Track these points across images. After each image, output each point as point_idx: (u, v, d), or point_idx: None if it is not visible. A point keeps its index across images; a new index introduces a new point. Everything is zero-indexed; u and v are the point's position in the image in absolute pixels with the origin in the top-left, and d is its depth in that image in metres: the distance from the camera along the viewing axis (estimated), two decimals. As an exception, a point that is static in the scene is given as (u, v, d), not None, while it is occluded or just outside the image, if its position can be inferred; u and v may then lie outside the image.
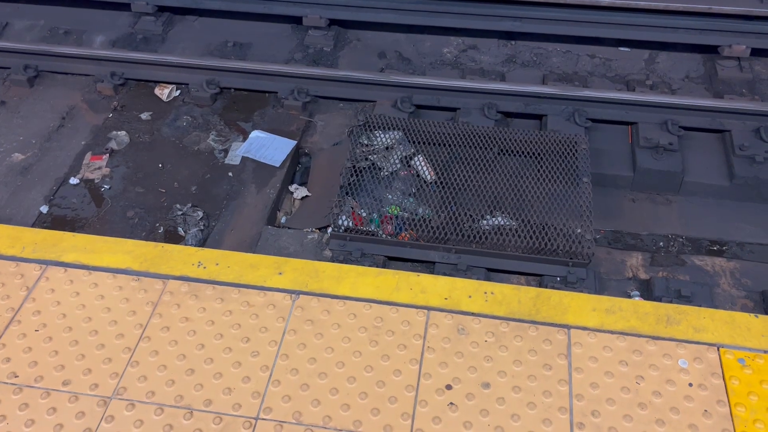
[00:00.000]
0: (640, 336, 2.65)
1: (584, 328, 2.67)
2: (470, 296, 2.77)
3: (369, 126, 4.06)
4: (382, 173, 3.80)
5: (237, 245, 3.75)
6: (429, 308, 2.74)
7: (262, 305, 2.79)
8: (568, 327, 2.68)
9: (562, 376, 2.53)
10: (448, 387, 2.52)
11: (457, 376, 2.55)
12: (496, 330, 2.68)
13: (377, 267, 3.48)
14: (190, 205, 3.97)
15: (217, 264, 2.91)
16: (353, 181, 3.76)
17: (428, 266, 3.66)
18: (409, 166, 3.85)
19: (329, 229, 3.66)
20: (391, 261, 3.68)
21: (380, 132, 4.01)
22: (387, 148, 3.93)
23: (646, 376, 2.55)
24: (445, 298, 2.77)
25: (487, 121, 4.40)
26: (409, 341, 2.64)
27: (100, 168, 4.23)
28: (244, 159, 4.25)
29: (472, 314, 2.73)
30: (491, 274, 3.61)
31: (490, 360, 2.59)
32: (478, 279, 3.48)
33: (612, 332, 2.67)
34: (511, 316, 2.71)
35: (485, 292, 2.76)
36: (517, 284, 3.47)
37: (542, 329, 2.67)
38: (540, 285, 3.57)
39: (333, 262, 3.51)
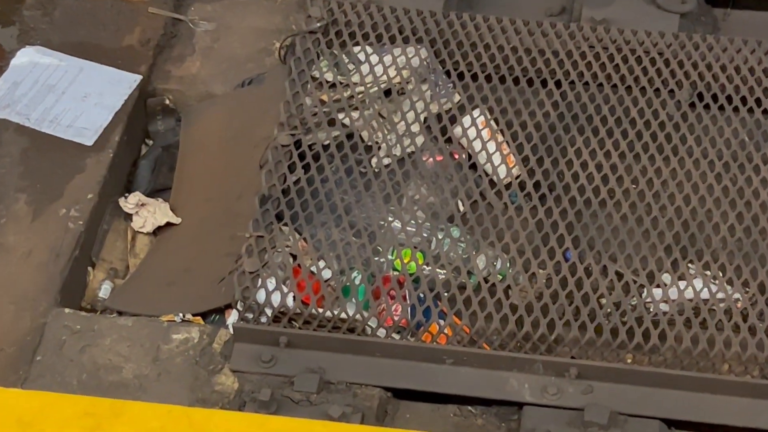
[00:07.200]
0: None
1: None
2: None
3: (337, 33, 3.33)
4: (373, 160, 3.04)
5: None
6: None
7: None
8: None
9: None
10: None
11: None
12: None
13: (363, 420, 2.58)
14: None
15: None
16: (296, 182, 3.01)
17: (503, 415, 2.65)
18: (449, 140, 3.03)
19: (231, 317, 2.70)
20: (403, 401, 2.64)
21: (368, 49, 3.20)
22: (387, 91, 3.07)
23: None
24: None
25: (657, 20, 3.34)
26: None
27: None
28: (-4, 124, 3.58)
29: None
30: (677, 432, 2.78)
31: None
32: (642, 451, 2.67)
33: None
34: None
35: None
36: (746, 462, 2.90)
37: None
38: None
39: (244, 406, 2.63)
